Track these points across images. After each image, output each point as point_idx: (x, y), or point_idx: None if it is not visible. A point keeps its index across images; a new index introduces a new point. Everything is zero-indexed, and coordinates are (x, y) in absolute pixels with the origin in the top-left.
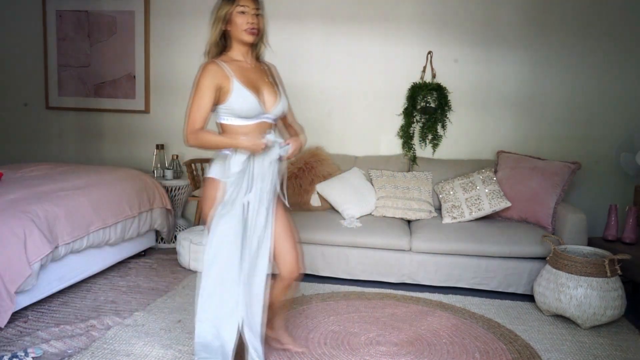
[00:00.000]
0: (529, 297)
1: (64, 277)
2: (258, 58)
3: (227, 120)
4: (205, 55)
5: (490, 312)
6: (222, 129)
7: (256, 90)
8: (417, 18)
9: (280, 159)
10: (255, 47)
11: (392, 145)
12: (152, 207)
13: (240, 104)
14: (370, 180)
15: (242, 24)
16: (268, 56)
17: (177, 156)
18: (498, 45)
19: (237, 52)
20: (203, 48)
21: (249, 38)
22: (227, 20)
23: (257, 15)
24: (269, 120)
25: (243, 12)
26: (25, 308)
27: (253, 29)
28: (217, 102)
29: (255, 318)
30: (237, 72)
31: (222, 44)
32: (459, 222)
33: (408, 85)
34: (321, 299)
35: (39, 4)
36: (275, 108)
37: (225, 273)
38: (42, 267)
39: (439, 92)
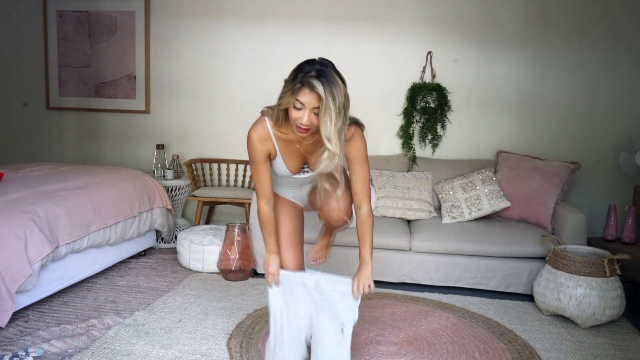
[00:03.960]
0: (529, 297)
1: (65, 276)
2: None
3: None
4: (268, 109)
5: (490, 312)
6: None
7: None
8: (417, 18)
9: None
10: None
11: (392, 145)
12: (153, 207)
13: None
14: (370, 180)
15: (295, 118)
16: (266, 56)
17: (177, 156)
18: (498, 45)
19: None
20: (203, 48)
21: (299, 134)
22: (286, 107)
23: (316, 114)
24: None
25: (298, 109)
26: (26, 308)
27: (303, 129)
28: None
29: None
30: (280, 142)
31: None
32: (459, 222)
33: (408, 85)
34: None
35: (39, 4)
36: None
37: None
38: (43, 266)
39: (439, 92)
